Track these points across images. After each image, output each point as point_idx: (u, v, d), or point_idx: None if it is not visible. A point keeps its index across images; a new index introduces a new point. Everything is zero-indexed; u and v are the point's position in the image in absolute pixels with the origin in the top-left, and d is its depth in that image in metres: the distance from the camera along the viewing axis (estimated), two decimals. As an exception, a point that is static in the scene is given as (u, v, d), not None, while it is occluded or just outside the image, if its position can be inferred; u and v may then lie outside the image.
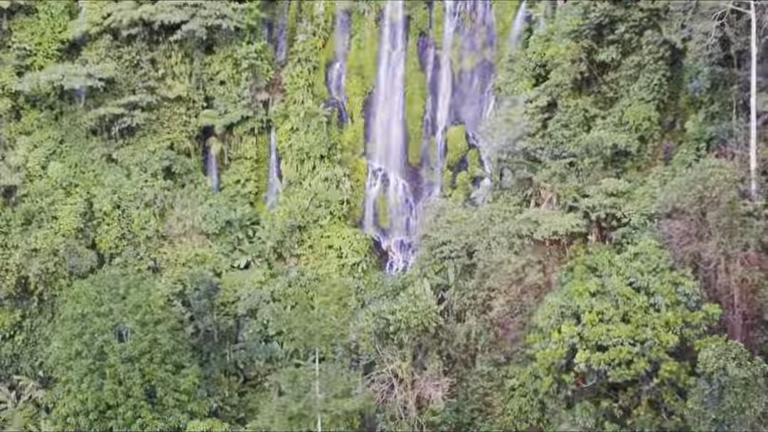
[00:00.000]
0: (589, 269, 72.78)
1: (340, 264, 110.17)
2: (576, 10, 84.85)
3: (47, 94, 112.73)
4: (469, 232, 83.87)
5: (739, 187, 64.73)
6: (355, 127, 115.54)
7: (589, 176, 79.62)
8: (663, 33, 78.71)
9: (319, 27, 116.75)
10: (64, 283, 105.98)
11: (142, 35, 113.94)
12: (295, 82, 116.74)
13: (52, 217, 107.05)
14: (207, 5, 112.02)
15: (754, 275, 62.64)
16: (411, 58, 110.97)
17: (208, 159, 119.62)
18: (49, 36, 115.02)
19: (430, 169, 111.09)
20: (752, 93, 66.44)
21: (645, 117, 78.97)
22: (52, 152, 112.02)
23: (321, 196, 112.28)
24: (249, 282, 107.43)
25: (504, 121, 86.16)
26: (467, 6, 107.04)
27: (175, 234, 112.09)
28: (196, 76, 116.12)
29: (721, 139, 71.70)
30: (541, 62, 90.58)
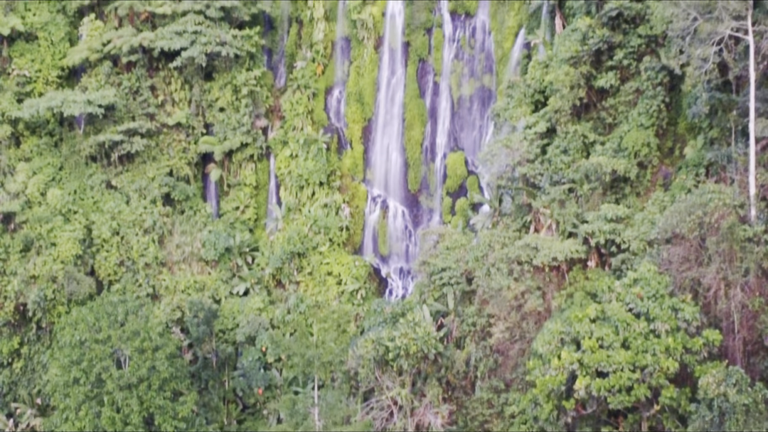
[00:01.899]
0: (589, 295, 72.64)
1: (339, 291, 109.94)
2: (574, 37, 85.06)
3: (47, 120, 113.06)
4: (469, 259, 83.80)
5: (738, 212, 64.60)
6: (355, 153, 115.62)
7: (588, 202, 79.56)
8: (661, 59, 78.93)
9: (319, 54, 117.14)
10: (63, 309, 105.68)
11: (141, 62, 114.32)
12: (295, 109, 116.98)
13: (50, 244, 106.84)
14: (207, 32, 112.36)
15: (755, 301, 62.42)
16: (410, 84, 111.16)
17: (208, 185, 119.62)
18: (49, 63, 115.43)
19: (430, 196, 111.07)
20: (751, 118, 66.38)
21: (644, 143, 78.98)
22: (52, 179, 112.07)
23: (320, 222, 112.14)
24: (248, 309, 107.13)
25: (503, 147, 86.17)
26: (466, 33, 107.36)
27: (174, 260, 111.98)
28: (196, 102, 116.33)
29: (720, 164, 71.67)
30: (540, 88, 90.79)
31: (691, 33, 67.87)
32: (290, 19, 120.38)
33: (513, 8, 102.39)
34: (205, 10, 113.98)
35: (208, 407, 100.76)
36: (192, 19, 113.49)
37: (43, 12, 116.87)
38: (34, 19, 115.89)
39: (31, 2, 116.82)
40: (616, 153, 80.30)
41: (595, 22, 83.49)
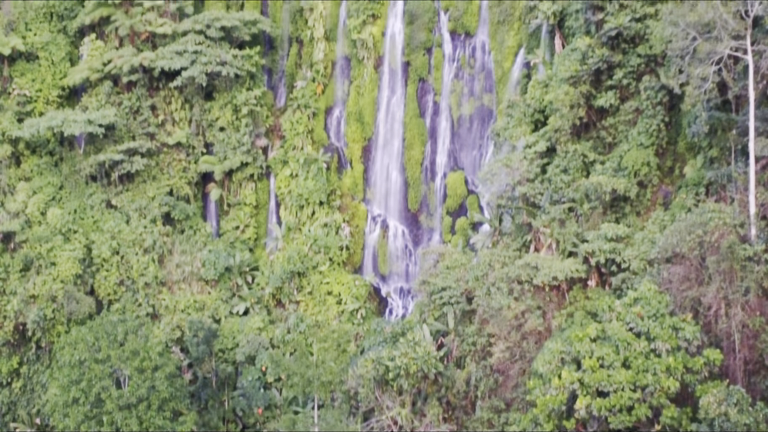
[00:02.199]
0: (589, 314, 72.52)
1: (339, 310, 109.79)
2: (574, 56, 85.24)
3: (47, 140, 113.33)
4: (469, 278, 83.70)
5: (738, 231, 64.52)
6: (355, 172, 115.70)
7: (588, 221, 79.52)
8: (661, 78, 79.07)
9: (319, 73, 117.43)
10: (62, 329, 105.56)
11: (142, 82, 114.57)
12: (295, 128, 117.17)
13: (50, 263, 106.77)
14: (207, 52, 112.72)
15: (755, 320, 62.28)
16: (410, 104, 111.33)
17: (208, 205, 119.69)
18: (50, 82, 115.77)
19: (430, 215, 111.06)
20: (751, 138, 66.40)
21: (644, 162, 79.02)
22: (52, 198, 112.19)
23: (320, 242, 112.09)
24: (248, 328, 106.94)
25: (503, 166, 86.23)
26: (466, 52, 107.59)
27: (174, 280, 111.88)
28: (196, 122, 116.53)
29: (720, 183, 71.67)
30: (539, 108, 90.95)
31: (690, 53, 67.97)
32: (290, 39, 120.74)
33: (513, 28, 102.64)
34: (205, 30, 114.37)
35: (208, 427, 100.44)
36: (192, 39, 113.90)
37: (44, 32, 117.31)
38: (35, 39, 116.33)
39: (32, 22, 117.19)
40: (616, 172, 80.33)
41: (594, 42, 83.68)
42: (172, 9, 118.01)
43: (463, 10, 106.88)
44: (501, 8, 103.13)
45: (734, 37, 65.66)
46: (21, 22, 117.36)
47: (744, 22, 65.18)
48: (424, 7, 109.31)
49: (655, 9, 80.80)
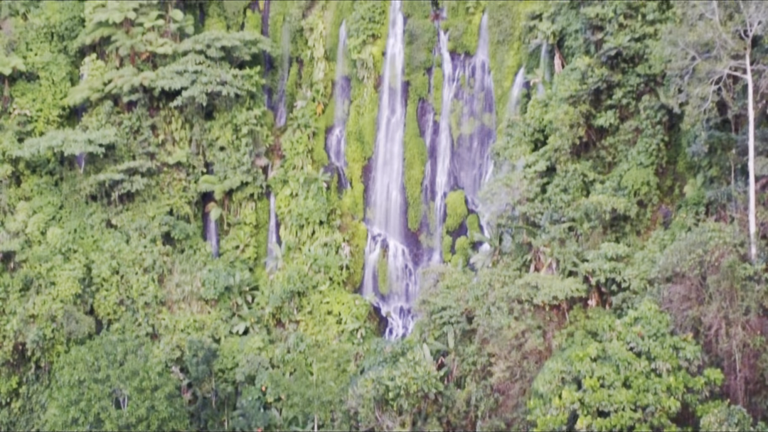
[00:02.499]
0: (590, 334, 72.42)
1: (339, 330, 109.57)
2: (574, 76, 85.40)
3: (47, 159, 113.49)
4: (469, 298, 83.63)
5: (738, 251, 64.49)
6: (355, 192, 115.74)
7: (588, 241, 79.49)
8: (660, 98, 79.23)
9: (319, 93, 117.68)
10: (62, 349, 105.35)
11: (142, 101, 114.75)
12: (295, 148, 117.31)
13: (50, 283, 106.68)
14: (207, 72, 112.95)
15: (756, 340, 62.20)
16: (410, 123, 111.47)
17: (208, 224, 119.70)
18: (50, 102, 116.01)
19: (430, 235, 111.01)
20: (750, 157, 66.47)
21: (644, 181, 79.07)
22: (52, 218, 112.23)
23: (320, 261, 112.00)
24: (248, 348, 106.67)
25: (503, 185, 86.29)
26: (466, 72, 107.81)
27: (174, 300, 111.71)
28: (196, 141, 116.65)
29: (720, 203, 71.70)
30: (539, 127, 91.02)
31: (689, 72, 68.14)
32: (290, 59, 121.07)
33: (512, 48, 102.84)
34: (205, 50, 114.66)
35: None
36: (193, 59, 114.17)
37: (44, 52, 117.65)
38: (35, 59, 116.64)
39: (32, 42, 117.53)
40: (616, 191, 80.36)
41: (594, 62, 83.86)
42: (172, 29, 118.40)
43: (463, 30, 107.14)
44: (500, 28, 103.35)
45: (733, 56, 65.82)
46: (22, 42, 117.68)
47: (743, 42, 65.37)
48: (424, 27, 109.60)
49: (654, 29, 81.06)
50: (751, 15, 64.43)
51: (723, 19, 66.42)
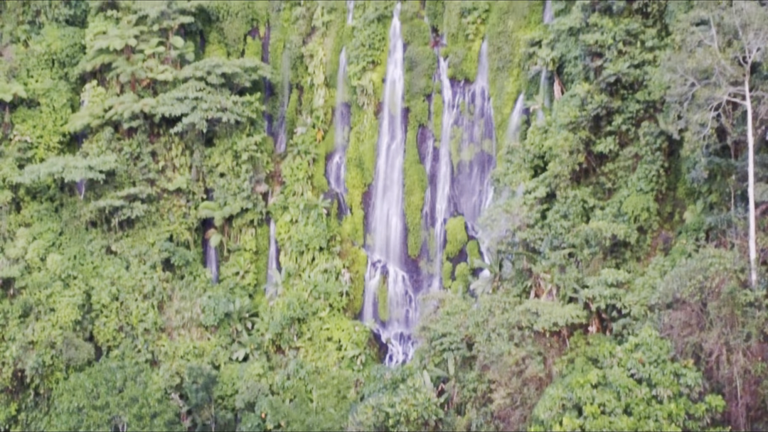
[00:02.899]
0: (590, 360, 72.20)
1: (339, 356, 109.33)
2: (573, 102, 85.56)
3: (47, 186, 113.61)
4: (469, 324, 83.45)
5: (739, 277, 64.38)
6: (355, 218, 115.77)
7: (588, 267, 79.40)
8: (660, 124, 79.25)
9: (319, 119, 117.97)
10: (61, 376, 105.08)
11: (143, 128, 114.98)
12: (295, 174, 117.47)
13: (49, 309, 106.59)
14: (207, 98, 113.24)
15: (757, 366, 62.01)
16: (410, 149, 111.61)
17: (208, 251, 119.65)
18: (51, 128, 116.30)
19: (430, 261, 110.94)
20: (750, 183, 66.47)
21: (643, 207, 79.03)
22: (52, 244, 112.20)
23: (320, 287, 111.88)
24: (247, 374, 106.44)
25: (503, 212, 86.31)
26: (466, 98, 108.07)
27: (174, 326, 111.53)
28: (196, 168, 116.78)
29: (720, 229, 71.61)
30: (539, 153, 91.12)
31: (689, 98, 68.22)
32: (291, 86, 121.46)
33: (512, 74, 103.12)
34: (206, 77, 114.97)
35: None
36: (193, 86, 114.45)
37: (45, 78, 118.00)
38: (36, 86, 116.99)
39: (33, 69, 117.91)
40: (616, 218, 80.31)
41: (593, 88, 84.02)
42: (173, 56, 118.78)
43: (463, 57, 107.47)
44: (500, 55, 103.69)
45: (732, 83, 65.93)
46: (23, 68, 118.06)
47: (742, 68, 65.52)
48: (424, 54, 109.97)
49: (653, 55, 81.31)
50: (749, 42, 64.61)
51: (722, 45, 66.62)
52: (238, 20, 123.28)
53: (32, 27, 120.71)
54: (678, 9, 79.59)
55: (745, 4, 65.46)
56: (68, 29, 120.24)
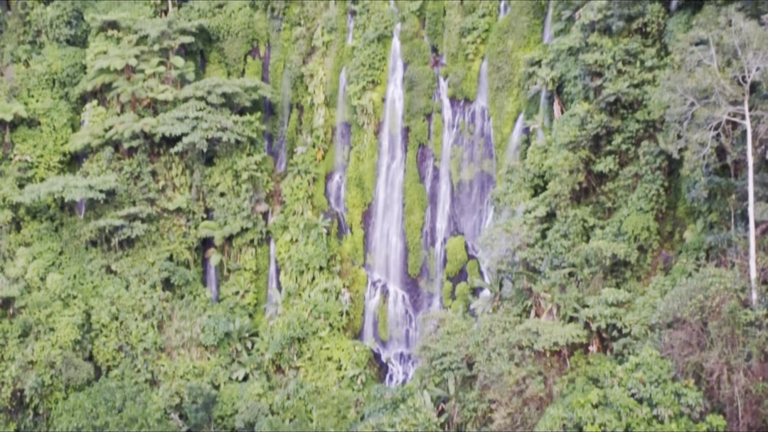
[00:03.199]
0: (591, 380, 72.03)
1: (339, 376, 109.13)
2: (573, 122, 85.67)
3: (48, 205, 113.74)
4: (469, 344, 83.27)
5: (739, 296, 64.29)
6: (355, 238, 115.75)
7: (588, 286, 79.31)
8: (659, 143, 79.32)
9: (319, 139, 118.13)
10: (60, 396, 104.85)
11: (143, 147, 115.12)
12: (295, 194, 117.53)
13: (49, 329, 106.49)
14: (208, 118, 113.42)
15: (758, 386, 61.85)
16: (410, 169, 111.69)
17: (208, 270, 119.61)
18: (51, 148, 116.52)
19: (430, 280, 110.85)
20: (750, 202, 66.46)
21: (644, 227, 78.99)
22: (51, 263, 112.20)
23: (320, 307, 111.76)
24: (247, 394, 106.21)
25: (503, 231, 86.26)
26: (466, 118, 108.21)
27: (174, 346, 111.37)
28: (196, 187, 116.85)
29: (721, 248, 71.55)
30: (539, 173, 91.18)
31: (688, 118, 68.28)
32: (291, 105, 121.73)
33: (512, 94, 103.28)
34: (206, 97, 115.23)
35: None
36: (193, 105, 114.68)
37: (46, 98, 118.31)
38: (36, 105, 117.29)
39: (34, 88, 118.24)
40: (616, 237, 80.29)
41: (593, 108, 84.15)
42: (173, 76, 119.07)
43: (462, 77, 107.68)
44: (500, 74, 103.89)
45: (732, 102, 66.00)
46: (23, 88, 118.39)
47: (741, 87, 65.60)
48: (424, 74, 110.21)
49: (652, 75, 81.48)
50: (749, 61, 64.73)
51: (721, 65, 66.75)
52: (239, 40, 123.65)
53: (33, 47, 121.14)
54: (677, 29, 79.83)
55: (744, 24, 65.61)
56: (69, 49, 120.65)
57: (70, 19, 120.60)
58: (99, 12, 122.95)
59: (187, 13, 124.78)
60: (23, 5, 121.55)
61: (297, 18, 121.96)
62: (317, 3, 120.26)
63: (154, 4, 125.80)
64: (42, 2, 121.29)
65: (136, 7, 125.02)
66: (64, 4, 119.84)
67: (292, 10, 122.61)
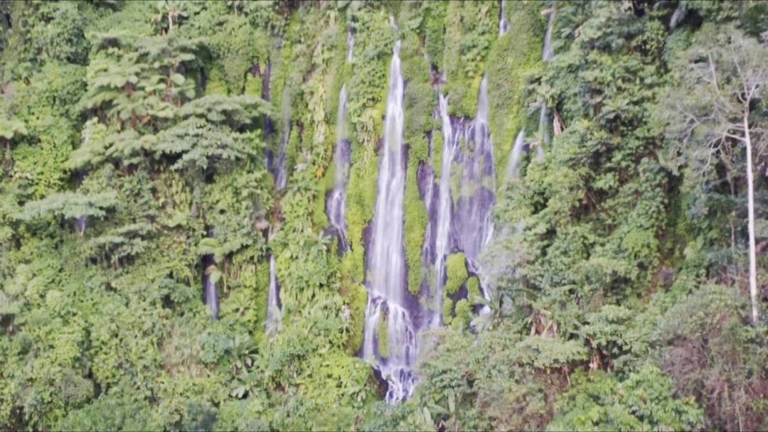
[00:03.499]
0: (591, 397, 71.93)
1: (339, 393, 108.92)
2: (573, 139, 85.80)
3: (48, 222, 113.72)
4: (470, 361, 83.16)
5: (740, 313, 64.29)
6: (355, 255, 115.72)
7: (589, 303, 79.29)
8: (659, 160, 79.43)
9: (319, 156, 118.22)
10: (60, 413, 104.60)
11: (143, 164, 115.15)
12: (295, 211, 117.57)
13: (49, 346, 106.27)
14: (208, 135, 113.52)
15: (759, 403, 61.78)
16: (410, 186, 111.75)
17: (207, 287, 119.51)
18: (51, 165, 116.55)
19: (430, 297, 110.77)
20: (750, 219, 66.53)
21: (644, 244, 79.04)
22: (51, 280, 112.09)
23: (320, 324, 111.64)
24: (247, 412, 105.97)
25: (503, 248, 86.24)
26: (465, 135, 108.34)
27: (173, 363, 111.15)
28: (197, 204, 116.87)
29: (721, 265, 71.58)
30: (539, 190, 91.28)
31: (688, 135, 68.42)
32: (291, 122, 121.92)
33: (511, 111, 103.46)
34: (206, 114, 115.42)
35: None
36: (193, 122, 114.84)
37: (46, 115, 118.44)
38: (37, 123, 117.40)
39: (34, 106, 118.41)
40: (616, 254, 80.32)
41: (593, 125, 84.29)
42: (173, 93, 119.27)
43: (462, 94, 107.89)
44: (500, 92, 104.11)
45: (732, 119, 66.14)
46: (24, 105, 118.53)
47: (741, 104, 65.74)
48: (424, 91, 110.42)
49: (652, 92, 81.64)
50: (748, 78, 64.88)
51: (720, 82, 66.91)
52: (239, 57, 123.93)
53: (34, 64, 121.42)
54: (676, 46, 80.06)
55: (743, 42, 65.81)
56: (69, 66, 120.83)
57: (70, 36, 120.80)
58: (99, 30, 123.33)
59: (187, 30, 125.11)
60: (24, 23, 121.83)
61: (297, 35, 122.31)
62: (317, 20, 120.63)
63: (155, 22, 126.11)
64: (43, 20, 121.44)
65: (137, 24, 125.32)
66: (64, 21, 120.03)
67: (292, 28, 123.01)
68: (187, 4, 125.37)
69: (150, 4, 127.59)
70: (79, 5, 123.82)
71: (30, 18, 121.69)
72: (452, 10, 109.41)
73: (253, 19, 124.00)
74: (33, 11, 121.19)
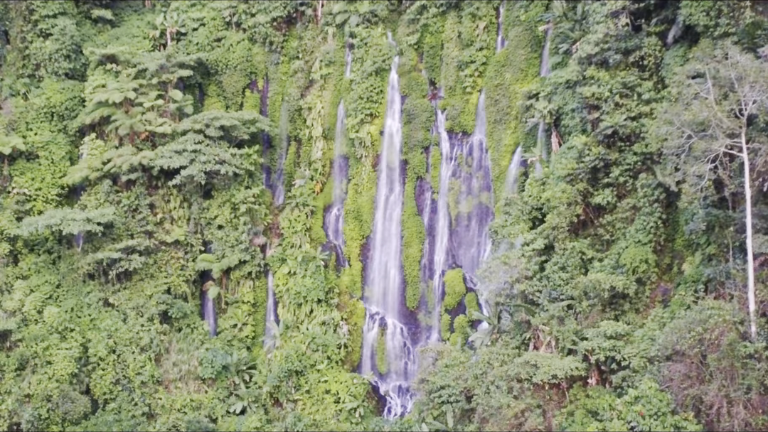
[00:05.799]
0: (590, 413, 71.84)
1: (337, 409, 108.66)
2: (571, 154, 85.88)
3: (45, 238, 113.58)
4: (468, 376, 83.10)
5: (738, 329, 64.27)
6: (353, 270, 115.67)
7: (587, 319, 79.26)
8: (657, 176, 79.47)
9: (317, 172, 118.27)
10: (57, 429, 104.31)
11: (141, 180, 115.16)
12: (293, 226, 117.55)
13: (46, 362, 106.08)
14: (206, 151, 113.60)
15: (758, 419, 61.70)
16: (408, 202, 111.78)
17: (205, 303, 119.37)
18: (49, 181, 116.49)
19: (428, 313, 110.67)
20: (748, 235, 66.56)
21: (642, 259, 79.05)
22: (49, 296, 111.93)
23: (318, 340, 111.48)
24: (245, 428, 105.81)
25: (501, 264, 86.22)
26: (464, 151, 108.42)
27: (171, 379, 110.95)
28: (195, 220, 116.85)
29: (719, 280, 71.58)
30: (537, 205, 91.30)
31: (686, 150, 68.53)
32: (289, 138, 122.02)
33: (509, 127, 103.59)
34: (204, 130, 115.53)
35: None
36: (192, 138, 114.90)
37: (44, 131, 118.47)
38: (35, 139, 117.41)
39: (33, 122, 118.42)
40: (615, 269, 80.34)
41: (590, 140, 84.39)
42: (171, 109, 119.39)
43: (460, 110, 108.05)
44: (497, 107, 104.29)
45: (729, 135, 66.25)
46: (22, 121, 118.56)
47: (738, 120, 65.87)
48: (422, 107, 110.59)
49: (650, 108, 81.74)
50: (745, 94, 65.03)
51: (718, 98, 67.06)
52: (237, 73, 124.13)
53: (32, 80, 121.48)
54: (674, 62, 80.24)
55: (740, 57, 66.01)
56: (68, 82, 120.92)
57: (69, 52, 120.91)
58: (98, 46, 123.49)
59: (185, 46, 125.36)
60: (23, 39, 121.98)
61: (295, 51, 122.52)
62: (315, 36, 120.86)
63: (153, 38, 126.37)
64: (41, 36, 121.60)
65: (135, 41, 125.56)
66: (63, 38, 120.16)
67: (290, 44, 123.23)
68: (186, 20, 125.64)
69: (148, 21, 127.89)
70: (77, 21, 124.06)
71: (28, 34, 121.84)
72: (450, 26, 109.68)
73: (252, 35, 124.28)
74: (31, 27, 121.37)
